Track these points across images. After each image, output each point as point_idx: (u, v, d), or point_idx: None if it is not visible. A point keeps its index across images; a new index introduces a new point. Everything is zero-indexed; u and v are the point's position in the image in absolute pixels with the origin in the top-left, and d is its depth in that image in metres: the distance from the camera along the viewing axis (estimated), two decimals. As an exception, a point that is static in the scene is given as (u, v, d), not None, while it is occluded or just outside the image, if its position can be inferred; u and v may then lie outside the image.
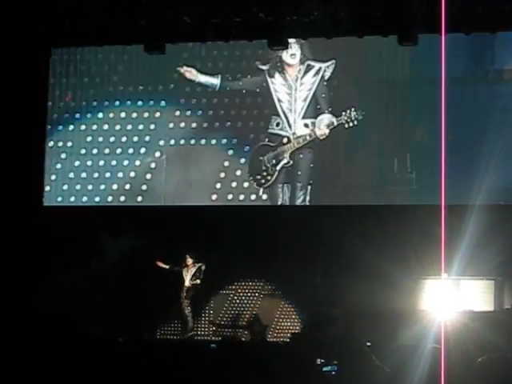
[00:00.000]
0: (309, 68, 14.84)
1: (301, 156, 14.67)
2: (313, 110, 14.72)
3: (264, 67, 14.99)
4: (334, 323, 10.70)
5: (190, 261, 14.19)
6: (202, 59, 15.13)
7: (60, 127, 15.39)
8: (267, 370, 5.71)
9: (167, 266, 14.24)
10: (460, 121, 13.20)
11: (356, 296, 12.06)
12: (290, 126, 14.78)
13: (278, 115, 14.81)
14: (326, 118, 14.63)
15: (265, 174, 14.80)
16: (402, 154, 14.08)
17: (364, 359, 5.20)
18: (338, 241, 12.65)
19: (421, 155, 13.80)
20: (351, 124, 14.37)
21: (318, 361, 6.89)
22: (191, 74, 15.12)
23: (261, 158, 14.83)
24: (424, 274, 12.51)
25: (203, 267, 14.12)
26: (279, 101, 14.86)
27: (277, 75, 14.97)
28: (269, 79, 14.98)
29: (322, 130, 14.53)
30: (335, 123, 14.45)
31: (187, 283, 14.18)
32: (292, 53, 14.82)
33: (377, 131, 14.28)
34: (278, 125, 14.84)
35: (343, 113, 14.41)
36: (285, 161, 14.75)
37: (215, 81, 15.05)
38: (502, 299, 12.80)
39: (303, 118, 14.72)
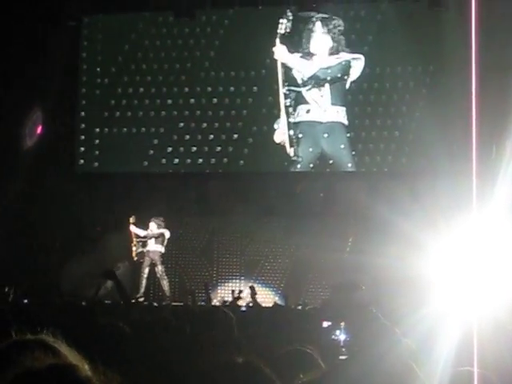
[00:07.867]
0: None
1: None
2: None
3: None
4: (358, 289, 10.65)
5: (154, 227, 13.84)
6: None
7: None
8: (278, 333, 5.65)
9: (143, 233, 13.90)
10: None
11: (384, 261, 12.04)
12: None
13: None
14: None
15: None
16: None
17: (371, 320, 5.11)
18: (366, 206, 12.64)
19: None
20: None
21: (325, 323, 6.73)
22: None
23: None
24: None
25: (167, 234, 13.87)
26: None
27: None
28: None
29: None
30: None
31: (153, 247, 13.87)
32: None
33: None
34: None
35: None
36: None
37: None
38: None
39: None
